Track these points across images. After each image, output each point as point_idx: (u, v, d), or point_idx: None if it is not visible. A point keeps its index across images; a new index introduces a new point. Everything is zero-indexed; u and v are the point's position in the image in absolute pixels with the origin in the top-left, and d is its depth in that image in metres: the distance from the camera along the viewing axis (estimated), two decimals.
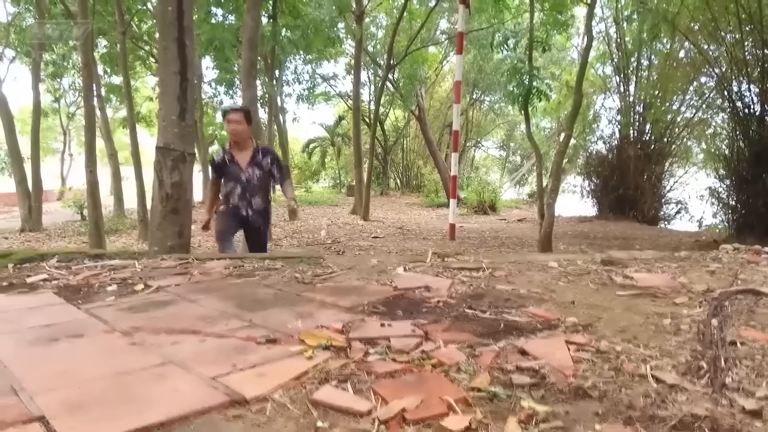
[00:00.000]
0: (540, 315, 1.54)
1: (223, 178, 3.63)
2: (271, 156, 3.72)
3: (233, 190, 3.58)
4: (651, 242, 8.94)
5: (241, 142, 3.60)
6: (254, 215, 3.60)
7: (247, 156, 3.60)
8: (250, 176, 3.57)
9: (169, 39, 4.26)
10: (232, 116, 3.58)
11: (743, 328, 1.39)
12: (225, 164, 3.59)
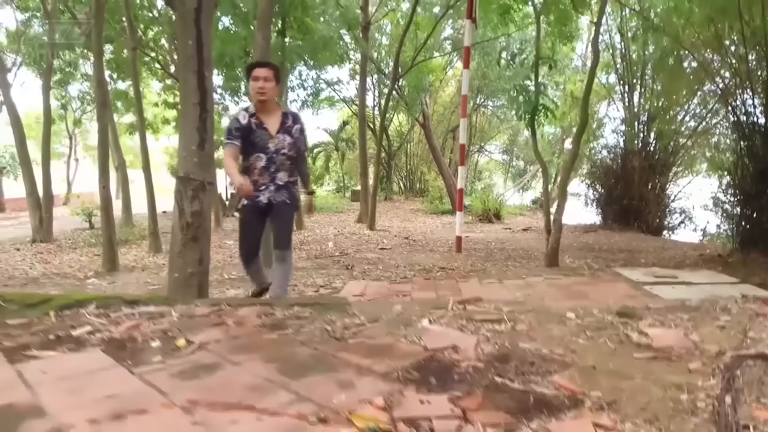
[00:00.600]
0: (565, 386, 1.66)
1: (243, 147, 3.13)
2: (300, 124, 3.20)
3: (255, 162, 3.09)
4: (656, 255, 9.05)
5: (269, 104, 3.10)
6: (278, 193, 3.12)
7: (276, 121, 3.11)
8: (280, 144, 3.07)
9: (189, 71, 4.39)
10: (259, 71, 3.03)
11: (755, 405, 1.51)
12: (251, 129, 3.06)
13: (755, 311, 2.52)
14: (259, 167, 3.08)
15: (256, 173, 3.10)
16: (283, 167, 3.13)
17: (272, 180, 3.10)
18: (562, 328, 2.29)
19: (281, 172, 3.13)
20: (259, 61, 3.29)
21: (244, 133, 3.06)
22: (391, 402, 1.56)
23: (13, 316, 2.55)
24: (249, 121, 3.06)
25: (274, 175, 3.10)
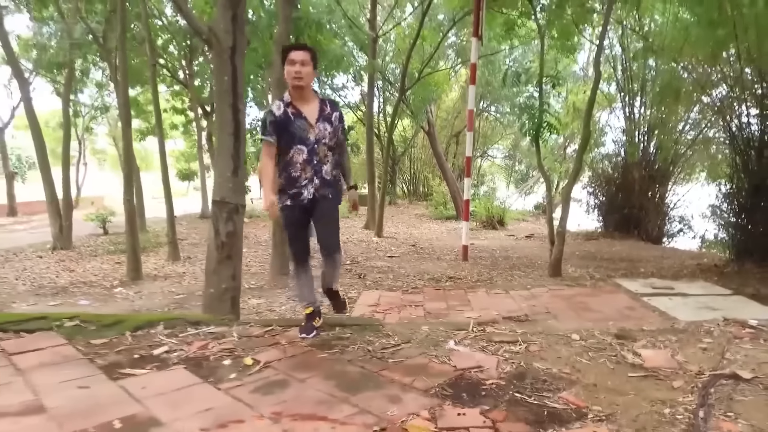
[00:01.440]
0: (572, 402, 2.07)
1: (280, 141, 2.79)
2: (338, 111, 2.90)
3: (295, 156, 2.76)
4: (655, 264, 9.45)
5: (306, 91, 2.78)
6: (322, 188, 2.82)
7: (315, 108, 2.80)
8: (321, 134, 2.77)
9: (225, 104, 4.81)
10: (296, 54, 2.71)
11: (722, 418, 1.92)
12: (288, 120, 2.74)
13: (734, 334, 2.94)
14: (301, 161, 2.73)
15: (298, 168, 2.75)
16: (327, 159, 2.80)
17: (316, 173, 2.76)
18: (569, 349, 2.71)
19: (326, 165, 2.80)
20: (296, 43, 2.78)
21: (280, 125, 2.71)
22: (434, 414, 1.98)
23: (95, 336, 2.97)
24: (285, 111, 2.72)
25: (318, 168, 2.76)
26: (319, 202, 2.84)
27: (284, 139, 2.75)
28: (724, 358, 2.54)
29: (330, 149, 2.84)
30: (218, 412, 2.02)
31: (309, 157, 2.77)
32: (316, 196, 2.82)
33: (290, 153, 2.77)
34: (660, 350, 2.69)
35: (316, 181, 2.80)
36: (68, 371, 2.48)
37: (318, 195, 2.82)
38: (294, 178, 2.80)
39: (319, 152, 2.79)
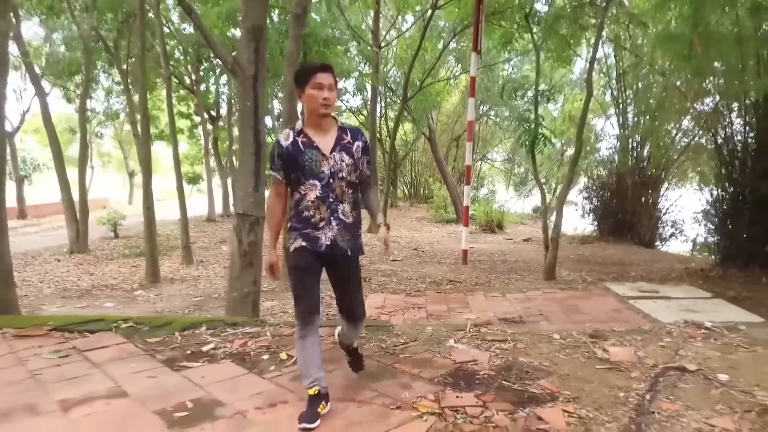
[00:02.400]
0: (548, 388, 2.62)
1: (289, 176, 2.38)
2: (362, 140, 2.45)
3: (307, 193, 2.33)
4: (645, 268, 10.00)
5: (327, 118, 2.37)
6: (342, 236, 2.36)
7: (331, 137, 2.37)
8: (337, 166, 2.33)
9: (247, 127, 5.38)
10: (324, 78, 2.29)
11: (664, 400, 2.47)
12: (298, 151, 2.32)
13: (689, 334, 3.48)
14: (314, 198, 2.30)
15: (311, 207, 2.32)
16: (345, 197, 2.36)
17: (333, 213, 2.32)
18: (549, 346, 3.26)
19: (344, 204, 2.35)
20: (321, 64, 2.38)
21: (289, 158, 2.31)
22: (438, 397, 2.52)
23: (149, 336, 3.52)
24: (294, 141, 2.32)
25: (334, 208, 2.32)
26: (339, 258, 2.39)
27: (295, 173, 2.33)
28: (677, 354, 3.08)
29: (350, 185, 2.37)
30: (266, 395, 2.57)
31: (323, 194, 2.30)
32: (336, 248, 2.35)
33: (302, 189, 2.33)
34: (625, 347, 3.23)
35: (333, 223, 2.33)
36: (135, 364, 3.03)
37: (338, 245, 2.35)
38: (306, 219, 2.33)
39: (336, 188, 2.32)
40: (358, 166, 2.42)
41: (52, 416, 2.40)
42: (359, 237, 2.47)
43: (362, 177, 2.46)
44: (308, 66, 2.38)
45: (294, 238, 2.39)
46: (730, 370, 2.83)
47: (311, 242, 2.34)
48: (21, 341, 3.45)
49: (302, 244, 2.35)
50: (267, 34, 9.74)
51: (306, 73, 2.32)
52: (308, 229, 2.35)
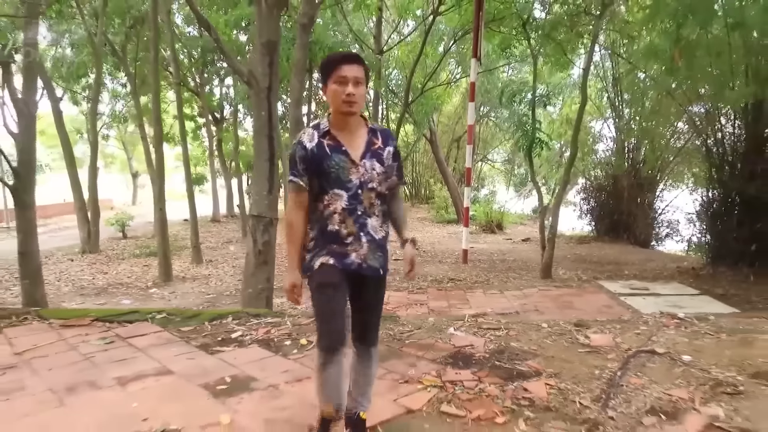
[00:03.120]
0: (534, 366, 3.07)
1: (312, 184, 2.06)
2: (392, 145, 2.15)
3: (332, 203, 2.03)
4: (639, 267, 10.45)
5: (354, 115, 2.05)
6: (373, 253, 2.07)
7: (361, 140, 2.07)
8: (367, 176, 2.04)
9: (262, 135, 5.84)
10: (349, 70, 1.96)
11: (633, 376, 2.92)
12: (323, 154, 2.02)
13: (663, 323, 3.93)
14: (340, 210, 2.01)
15: (335, 220, 2.02)
16: (373, 210, 2.07)
17: (361, 229, 2.04)
18: (538, 333, 3.71)
19: (372, 218, 2.06)
20: (347, 53, 2.06)
21: (313, 162, 2.02)
22: (440, 373, 2.97)
23: (181, 325, 3.97)
24: (320, 143, 2.02)
25: (363, 222, 2.04)
26: (370, 279, 2.09)
27: (318, 180, 2.02)
28: (650, 340, 3.53)
29: (379, 196, 2.08)
30: (293, 373, 3.02)
31: (350, 206, 2.01)
32: (368, 268, 2.05)
33: (325, 199, 2.03)
34: (605, 334, 3.68)
35: (363, 240, 2.03)
36: (174, 349, 3.48)
37: (369, 265, 2.05)
38: (332, 234, 2.03)
39: (364, 199, 2.03)
40: (390, 175, 2.12)
41: (112, 390, 2.85)
42: (388, 255, 2.15)
43: (391, 186, 2.15)
44: (332, 56, 2.01)
45: (317, 254, 2.05)
46: (694, 352, 3.28)
47: (339, 259, 2.01)
48: (68, 330, 3.90)
49: (330, 261, 2.02)
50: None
51: (329, 65, 1.99)
52: (335, 244, 2.02)
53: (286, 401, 2.65)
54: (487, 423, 2.39)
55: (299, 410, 2.52)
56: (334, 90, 1.97)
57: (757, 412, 2.45)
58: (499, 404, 2.56)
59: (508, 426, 2.36)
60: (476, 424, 2.39)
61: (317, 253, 2.06)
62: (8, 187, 6.07)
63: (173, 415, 2.48)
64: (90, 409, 2.61)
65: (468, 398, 2.64)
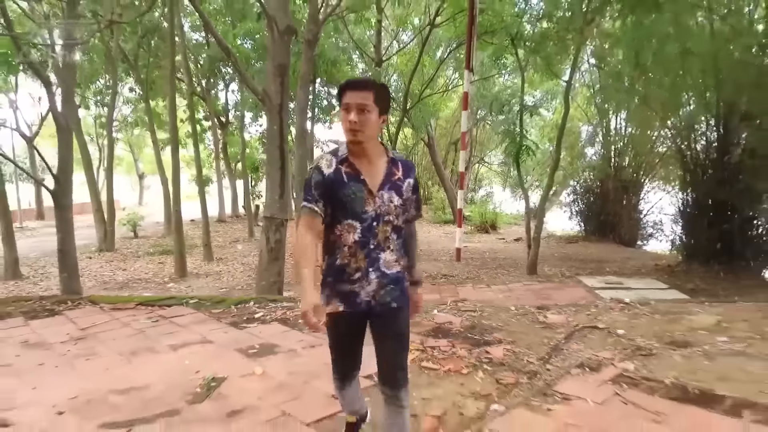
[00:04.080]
0: (498, 337, 3.90)
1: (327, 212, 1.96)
2: (412, 177, 2.08)
3: (344, 234, 1.95)
4: (620, 264, 11.26)
5: (366, 144, 1.95)
6: (382, 286, 1.98)
7: (379, 170, 2.00)
8: (384, 208, 1.96)
9: (274, 146, 6.68)
10: (352, 97, 1.88)
11: (574, 344, 3.74)
12: (341, 182, 1.94)
13: (610, 307, 4.75)
14: (351, 242, 1.94)
15: (345, 253, 1.95)
16: (388, 244, 1.99)
17: (372, 264, 1.96)
18: (506, 314, 4.54)
19: (386, 252, 1.99)
20: (353, 79, 1.96)
21: (329, 188, 1.93)
22: (422, 342, 3.80)
23: (212, 308, 4.81)
24: (337, 169, 1.95)
25: (375, 257, 1.96)
26: (382, 312, 1.99)
27: (332, 208, 1.95)
28: (596, 319, 4.36)
29: (395, 230, 2.00)
30: (307, 341, 3.85)
31: (363, 238, 1.94)
32: (379, 304, 1.98)
33: (337, 229, 1.95)
34: (561, 315, 4.51)
35: (372, 276, 1.95)
36: (209, 326, 4.32)
37: (379, 300, 1.98)
38: (340, 269, 1.96)
39: (379, 233, 1.95)
40: (407, 208, 2.05)
41: (167, 353, 3.69)
42: (405, 289, 2.05)
43: (408, 219, 2.09)
44: (342, 83, 1.94)
45: (327, 296, 1.97)
46: (629, 328, 4.11)
47: (348, 301, 1.95)
48: (118, 312, 4.74)
49: (339, 308, 1.95)
50: None
51: (339, 92, 1.93)
52: (343, 283, 1.95)
53: (304, 360, 3.49)
54: (455, 373, 3.22)
55: (314, 366, 3.35)
56: (341, 117, 1.91)
57: (660, 367, 3.28)
58: (465, 361, 3.39)
59: (470, 375, 3.19)
60: (447, 374, 3.22)
61: (327, 295, 1.97)
62: (49, 192, 6.89)
63: (218, 369, 3.31)
64: (153, 365, 3.45)
65: (442, 358, 3.47)
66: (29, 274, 10.55)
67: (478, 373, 3.21)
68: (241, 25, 11.39)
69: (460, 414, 2.69)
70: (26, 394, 3.03)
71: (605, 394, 2.89)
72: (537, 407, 2.72)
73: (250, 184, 19.74)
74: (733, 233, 9.42)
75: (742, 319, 4.28)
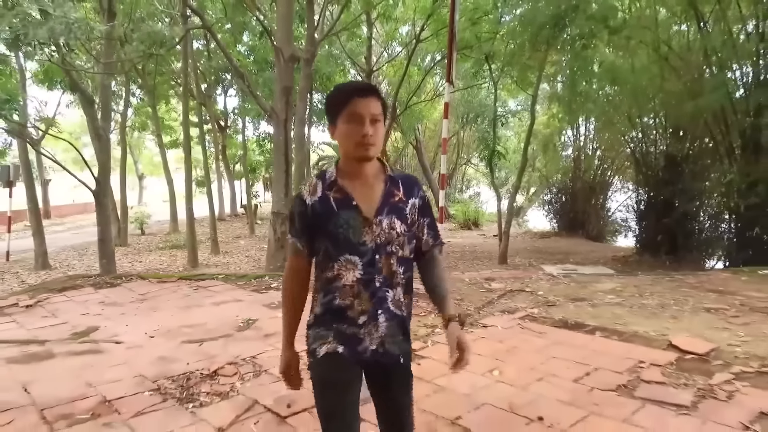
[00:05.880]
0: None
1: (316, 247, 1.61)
2: (419, 196, 1.67)
3: (342, 273, 1.56)
4: (584, 256, 12.89)
5: (373, 157, 1.60)
6: (393, 336, 1.60)
7: (374, 190, 1.61)
8: (384, 236, 1.57)
9: (280, 154, 8.21)
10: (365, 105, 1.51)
11: (504, 302, 5.31)
12: (329, 211, 1.56)
13: (540, 279, 6.32)
14: (352, 281, 1.56)
15: (347, 293, 1.56)
16: (395, 279, 1.60)
17: (381, 305, 1.57)
18: (461, 284, 6.09)
19: (394, 290, 1.60)
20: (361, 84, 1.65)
21: (316, 220, 1.57)
22: None
23: (237, 281, 6.33)
24: (324, 197, 1.57)
25: (382, 296, 1.58)
26: (390, 368, 1.64)
27: (322, 243, 1.58)
28: (526, 286, 5.92)
29: (402, 262, 1.62)
30: None
31: (366, 276, 1.56)
32: (386, 355, 1.60)
33: (335, 268, 1.57)
34: (501, 283, 6.06)
35: (381, 319, 1.58)
36: (238, 292, 5.84)
37: (387, 351, 1.60)
38: (340, 310, 1.58)
39: (383, 267, 1.57)
40: (415, 235, 1.67)
41: (211, 307, 5.21)
42: (410, 334, 1.71)
43: (423, 248, 1.71)
44: (342, 88, 1.58)
45: (321, 337, 1.61)
46: (548, 291, 5.68)
47: (349, 345, 1.57)
48: (164, 284, 6.25)
49: (337, 349, 1.57)
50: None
51: (337, 100, 1.55)
52: (344, 324, 1.58)
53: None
54: (415, 316, 4.76)
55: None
56: (345, 131, 1.53)
57: (557, 312, 4.85)
58: (423, 309, 4.94)
59: (425, 317, 4.74)
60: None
61: (321, 333, 1.60)
62: (91, 191, 8.37)
63: (251, 314, 4.84)
64: (205, 314, 4.97)
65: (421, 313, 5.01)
66: (55, 265, 11.99)
67: (430, 316, 4.76)
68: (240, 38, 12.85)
69: (414, 335, 4.24)
70: (122, 329, 4.54)
71: (512, 324, 4.45)
72: (465, 331, 4.30)
73: (248, 184, 21.20)
74: (675, 227, 11.05)
75: (633, 285, 5.88)
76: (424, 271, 1.73)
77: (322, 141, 22.44)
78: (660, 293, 5.52)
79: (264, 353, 3.82)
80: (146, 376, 3.44)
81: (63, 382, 3.35)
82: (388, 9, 13.99)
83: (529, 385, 3.24)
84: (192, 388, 3.25)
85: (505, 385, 3.23)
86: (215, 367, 3.55)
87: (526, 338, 4.12)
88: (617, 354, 3.70)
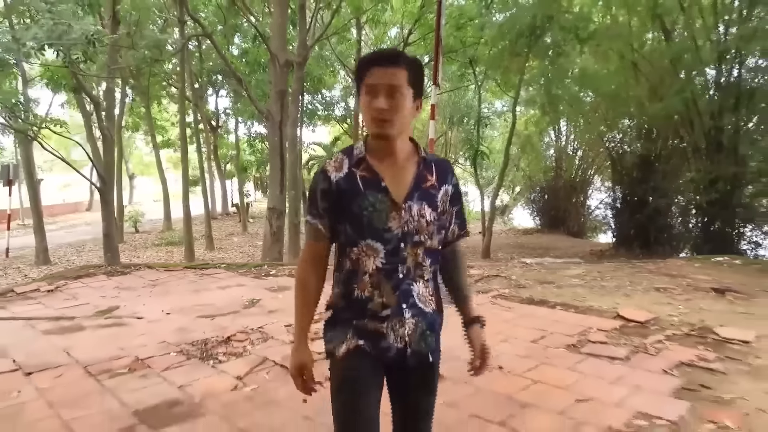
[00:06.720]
0: None
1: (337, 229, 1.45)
2: (452, 182, 1.51)
3: (363, 259, 1.41)
4: (563, 251, 13.64)
5: (393, 136, 1.41)
6: (420, 333, 1.44)
7: (407, 173, 1.45)
8: (412, 224, 1.41)
9: (275, 154, 8.83)
10: (381, 75, 1.36)
11: (477, 285, 5.98)
12: (354, 190, 1.41)
13: (515, 265, 7.00)
14: (372, 269, 1.40)
15: (366, 283, 1.41)
16: (421, 272, 1.45)
17: (406, 299, 1.42)
18: None
19: (419, 283, 1.45)
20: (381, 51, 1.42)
21: (340, 198, 1.41)
22: None
23: (238, 270, 6.94)
24: (350, 174, 1.42)
25: (406, 289, 1.42)
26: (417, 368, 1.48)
27: (344, 224, 1.42)
28: (502, 272, 6.60)
29: (429, 253, 1.46)
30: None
31: (388, 265, 1.40)
32: (413, 355, 1.44)
33: (353, 253, 1.42)
34: (480, 270, 6.74)
35: (407, 315, 1.42)
36: (240, 278, 6.46)
37: (414, 350, 1.44)
38: (359, 303, 1.43)
39: (407, 256, 1.42)
40: (444, 224, 1.50)
41: (218, 291, 5.82)
42: (439, 333, 1.53)
43: (449, 237, 1.54)
44: (363, 57, 1.44)
45: (340, 334, 1.45)
46: (520, 275, 6.36)
47: (372, 342, 1.41)
48: (171, 272, 6.84)
49: (358, 344, 1.41)
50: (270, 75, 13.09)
51: (359, 69, 1.43)
52: (364, 319, 1.42)
53: None
54: None
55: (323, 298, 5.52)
56: (362, 103, 1.41)
57: (526, 292, 5.53)
58: None
59: None
60: None
61: (342, 332, 1.44)
62: (98, 190, 8.91)
63: (255, 296, 5.46)
64: (213, 296, 5.59)
65: None
66: (56, 261, 12.48)
67: None
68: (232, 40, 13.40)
69: None
70: (140, 307, 5.14)
71: (485, 302, 5.12)
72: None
73: (241, 183, 21.73)
74: (648, 223, 11.83)
75: (597, 271, 6.59)
76: (446, 264, 1.56)
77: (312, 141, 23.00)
78: (619, 277, 6.23)
79: (270, 324, 4.45)
80: (169, 342, 4.06)
81: (98, 347, 3.96)
82: (377, 14, 14.67)
83: (493, 345, 3.89)
84: (210, 350, 3.88)
85: None
86: (228, 334, 4.18)
87: (496, 312, 4.78)
88: (571, 322, 4.38)
